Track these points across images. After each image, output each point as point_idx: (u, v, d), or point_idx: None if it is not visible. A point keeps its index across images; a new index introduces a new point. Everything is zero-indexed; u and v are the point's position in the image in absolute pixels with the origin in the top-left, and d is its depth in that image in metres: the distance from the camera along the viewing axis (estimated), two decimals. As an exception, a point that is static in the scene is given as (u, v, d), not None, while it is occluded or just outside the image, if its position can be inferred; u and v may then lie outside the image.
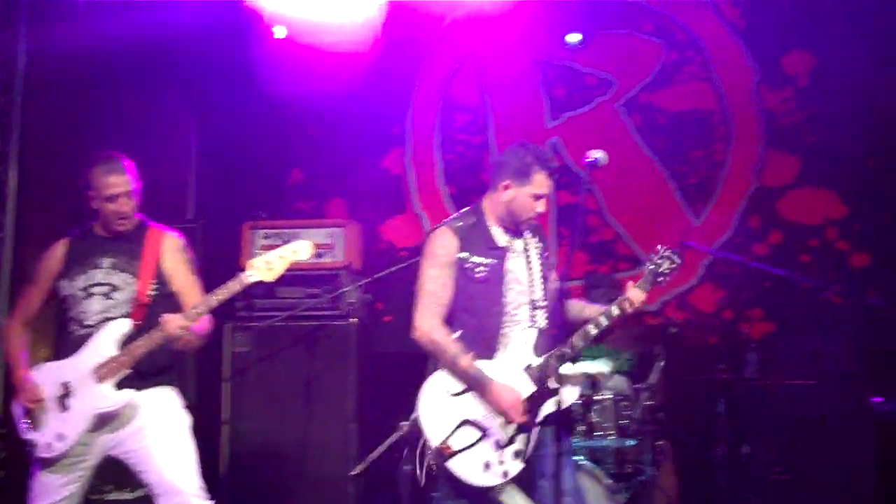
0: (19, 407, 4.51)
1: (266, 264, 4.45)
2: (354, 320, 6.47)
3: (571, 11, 7.28)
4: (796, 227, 6.91)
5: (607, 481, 5.31)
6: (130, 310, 4.53)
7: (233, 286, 4.45)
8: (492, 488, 4.13)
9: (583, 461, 5.32)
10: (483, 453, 4.11)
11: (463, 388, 4.17)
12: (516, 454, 4.09)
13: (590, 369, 5.54)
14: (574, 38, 7.31)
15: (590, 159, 4.12)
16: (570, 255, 5.45)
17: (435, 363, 4.24)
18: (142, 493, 5.34)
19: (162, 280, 4.63)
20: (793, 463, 5.73)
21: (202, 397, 6.24)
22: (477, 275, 4.22)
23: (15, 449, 5.61)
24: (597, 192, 7.09)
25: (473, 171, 7.43)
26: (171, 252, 4.69)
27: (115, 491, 5.81)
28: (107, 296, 4.55)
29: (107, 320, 4.50)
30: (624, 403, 5.48)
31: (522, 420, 4.09)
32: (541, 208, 4.25)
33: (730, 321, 6.71)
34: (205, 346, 4.75)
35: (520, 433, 4.11)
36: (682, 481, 6.11)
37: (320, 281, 6.55)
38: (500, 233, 4.30)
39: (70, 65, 6.52)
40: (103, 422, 4.45)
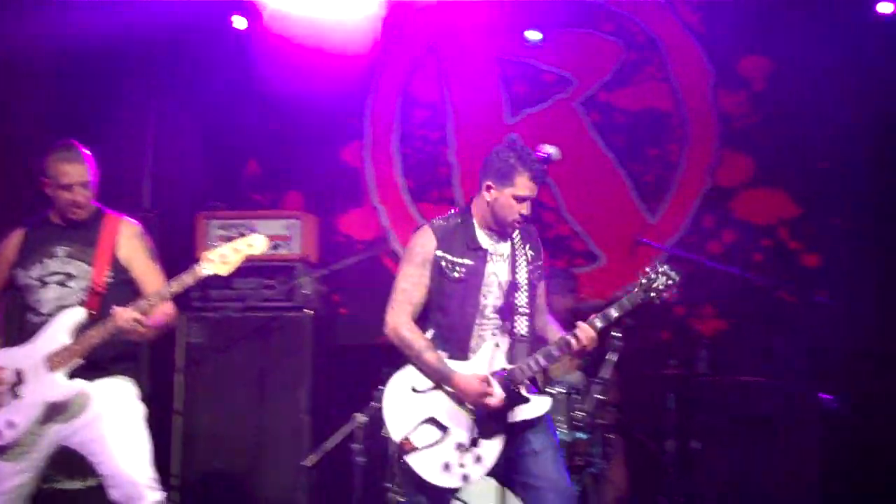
0: None
1: (221, 257, 4.41)
2: (309, 312, 6.47)
3: (532, 9, 7.30)
4: (749, 226, 7.00)
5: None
6: (85, 298, 4.50)
7: (186, 278, 4.42)
8: (450, 490, 4.12)
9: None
10: (443, 453, 4.06)
11: (429, 385, 4.14)
12: (478, 459, 4.03)
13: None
14: (534, 35, 7.34)
15: (542, 154, 4.13)
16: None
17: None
18: (93, 482, 5.30)
19: (118, 268, 4.59)
20: (741, 458, 5.80)
21: (155, 388, 6.20)
22: (453, 274, 4.17)
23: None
24: (554, 189, 7.15)
25: (431, 165, 7.45)
26: (127, 239, 4.65)
27: (66, 480, 5.75)
28: (62, 284, 4.52)
29: (62, 308, 4.47)
30: (576, 397, 5.52)
31: (495, 403, 4.00)
32: (524, 211, 4.17)
33: (682, 318, 6.78)
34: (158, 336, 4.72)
35: (484, 437, 4.04)
36: (632, 475, 6.19)
37: (276, 272, 6.55)
38: (483, 235, 4.25)
39: (27, 55, 6.45)
40: (54, 411, 4.42)
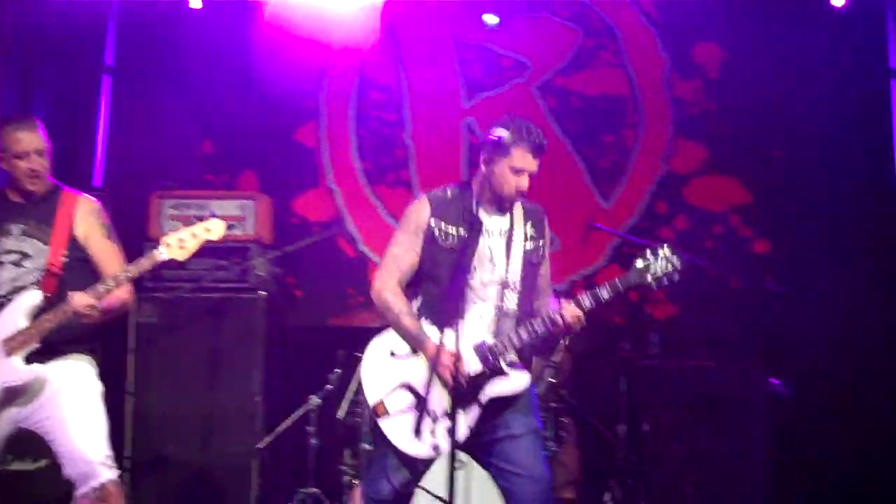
0: None
1: (179, 242, 4.38)
2: (263, 293, 6.44)
3: (490, -8, 7.33)
4: (702, 213, 7.07)
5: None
6: (41, 278, 4.45)
7: (144, 263, 4.38)
8: (422, 461, 4.07)
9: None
10: (415, 421, 4.01)
11: (407, 351, 4.14)
12: (450, 430, 3.89)
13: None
14: (491, 19, 7.34)
15: (495, 136, 4.12)
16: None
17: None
18: (43, 462, 5.29)
19: (75, 247, 4.53)
20: (691, 441, 5.87)
21: (107, 368, 6.14)
22: (444, 244, 4.15)
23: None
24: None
25: (388, 147, 7.43)
26: (84, 217, 4.59)
27: (16, 461, 5.69)
28: (17, 264, 4.46)
29: (18, 289, 4.41)
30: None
31: (454, 377, 3.93)
32: (523, 184, 4.15)
33: (634, 302, 6.85)
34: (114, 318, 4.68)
35: (458, 409, 3.95)
36: (584, 458, 6.25)
37: (230, 253, 6.48)
38: (481, 209, 4.21)
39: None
40: (12, 396, 4.37)
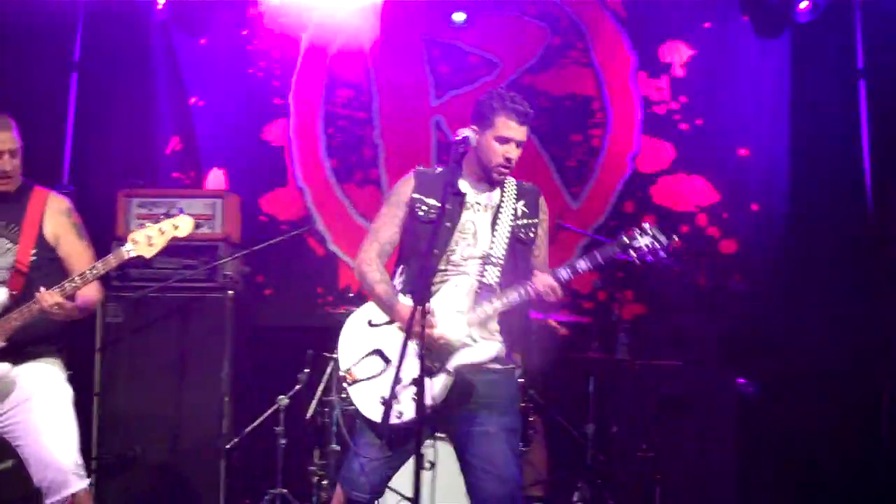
0: None
1: (147, 239, 4.36)
2: (231, 293, 6.41)
3: (459, -10, 7.33)
4: (669, 212, 7.10)
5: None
6: (8, 277, 4.41)
7: (111, 260, 4.36)
8: (390, 431, 3.95)
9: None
10: (383, 387, 3.97)
11: (384, 320, 4.13)
12: (415, 397, 3.74)
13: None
14: (460, 16, 7.34)
15: (459, 137, 4.10)
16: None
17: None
18: (8, 464, 5.23)
19: (44, 245, 4.52)
20: (658, 440, 5.91)
21: (74, 368, 6.09)
22: (425, 216, 4.15)
23: None
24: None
25: (356, 146, 7.41)
26: (54, 216, 4.57)
27: (-19, 463, 5.66)
28: None
29: None
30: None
31: (433, 335, 3.88)
32: (511, 153, 4.12)
33: (603, 302, 6.88)
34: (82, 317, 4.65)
35: (425, 376, 3.77)
36: (552, 457, 6.27)
37: (197, 252, 6.44)
38: (467, 183, 4.21)
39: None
40: None
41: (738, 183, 7.05)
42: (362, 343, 4.14)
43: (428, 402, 3.84)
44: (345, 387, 4.11)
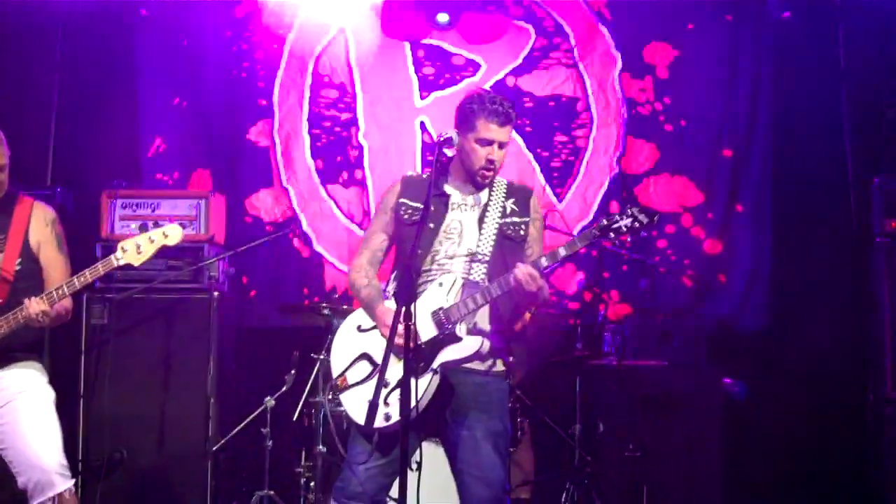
0: None
1: (136, 248, 4.40)
2: (216, 294, 6.38)
3: (443, -9, 7.32)
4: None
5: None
6: None
7: (99, 269, 4.40)
8: (380, 435, 3.95)
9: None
10: (371, 391, 3.87)
11: (372, 324, 4.14)
12: (403, 399, 3.67)
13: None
14: (443, 17, 7.34)
15: (443, 138, 4.10)
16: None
17: None
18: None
19: (28, 255, 4.54)
20: (644, 440, 5.92)
21: (59, 371, 6.06)
22: (409, 219, 4.17)
23: None
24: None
25: (341, 146, 7.39)
26: (39, 225, 4.60)
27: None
28: None
29: None
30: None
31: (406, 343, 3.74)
32: (493, 155, 4.13)
33: (588, 303, 6.88)
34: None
35: (411, 377, 3.71)
36: (539, 457, 6.28)
37: (182, 253, 6.39)
38: (452, 186, 4.22)
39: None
40: None
41: (723, 183, 7.08)
42: (351, 348, 4.15)
43: (414, 403, 3.78)
44: (337, 395, 4.11)
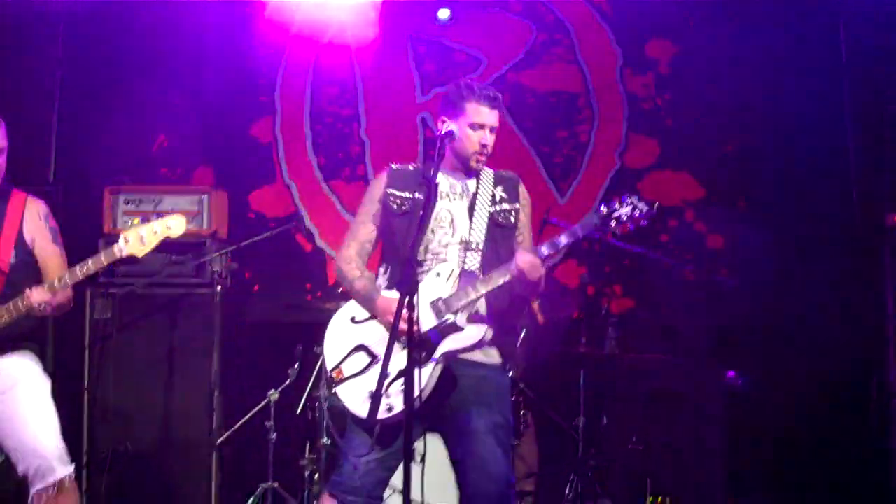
0: None
1: (139, 239, 4.37)
2: (219, 289, 6.38)
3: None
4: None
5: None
6: None
7: (102, 259, 4.39)
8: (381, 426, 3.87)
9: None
10: (370, 382, 3.89)
11: (366, 315, 4.12)
12: (404, 390, 3.60)
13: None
14: (444, 13, 7.35)
15: (444, 131, 4.12)
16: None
17: None
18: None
19: (23, 248, 4.55)
20: (648, 433, 5.93)
21: (64, 364, 6.08)
22: (398, 208, 4.16)
23: None
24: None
25: (343, 142, 7.41)
26: (33, 219, 4.61)
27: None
28: None
29: None
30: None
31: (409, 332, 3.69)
32: (486, 139, 4.12)
33: (592, 297, 6.89)
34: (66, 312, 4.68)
35: (413, 367, 3.61)
36: (543, 451, 6.28)
37: (185, 248, 6.41)
38: (441, 175, 4.16)
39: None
40: None
41: (725, 178, 7.09)
42: (346, 340, 4.12)
43: (417, 393, 3.72)
44: (333, 388, 4.07)
